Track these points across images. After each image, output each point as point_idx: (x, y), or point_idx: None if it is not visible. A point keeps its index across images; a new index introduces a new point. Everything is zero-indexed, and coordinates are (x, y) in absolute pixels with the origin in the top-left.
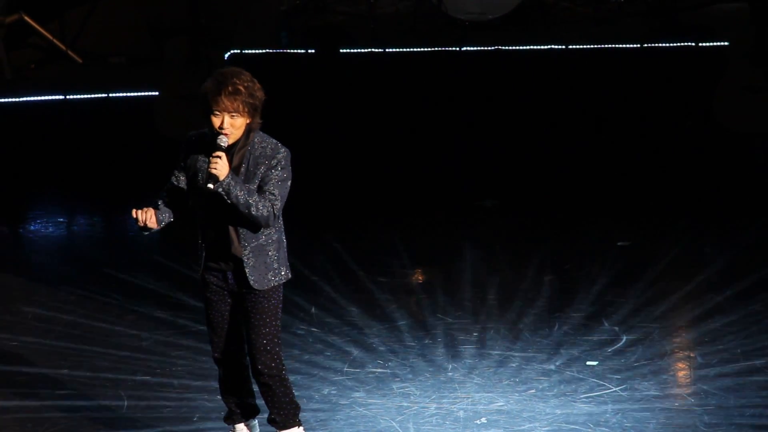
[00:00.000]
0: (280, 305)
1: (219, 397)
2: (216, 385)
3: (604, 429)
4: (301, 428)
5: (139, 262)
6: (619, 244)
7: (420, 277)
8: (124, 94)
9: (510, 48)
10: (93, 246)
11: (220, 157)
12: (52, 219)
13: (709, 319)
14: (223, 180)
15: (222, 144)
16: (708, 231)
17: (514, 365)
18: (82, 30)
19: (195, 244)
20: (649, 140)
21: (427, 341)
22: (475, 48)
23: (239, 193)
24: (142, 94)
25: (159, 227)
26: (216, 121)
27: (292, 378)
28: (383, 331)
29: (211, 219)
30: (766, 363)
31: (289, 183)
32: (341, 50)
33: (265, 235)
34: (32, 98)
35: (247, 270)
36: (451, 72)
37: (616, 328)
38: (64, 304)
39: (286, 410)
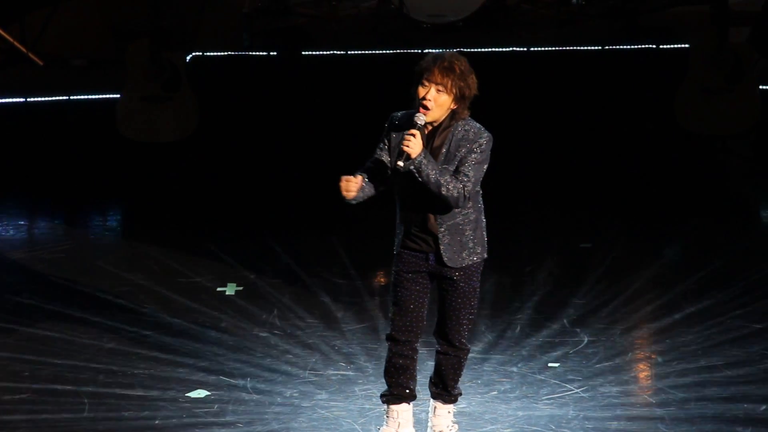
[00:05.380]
0: (479, 284)
1: (182, 399)
2: (178, 389)
3: (565, 430)
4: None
5: (99, 266)
6: (581, 246)
7: (382, 280)
8: (86, 97)
9: (472, 50)
10: (53, 249)
11: (414, 135)
12: (12, 222)
13: (669, 320)
14: (416, 158)
15: (419, 122)
16: (668, 232)
17: (475, 367)
18: (43, 32)
19: (167, 245)
20: (610, 141)
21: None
22: (437, 50)
23: (431, 172)
24: (104, 96)
25: (356, 199)
26: (422, 92)
27: (254, 381)
28: (346, 334)
29: (409, 197)
30: (726, 363)
31: (485, 167)
32: (303, 52)
33: (462, 215)
34: None
35: (441, 247)
36: (413, 74)
37: (578, 330)
38: (23, 309)
39: (458, 385)
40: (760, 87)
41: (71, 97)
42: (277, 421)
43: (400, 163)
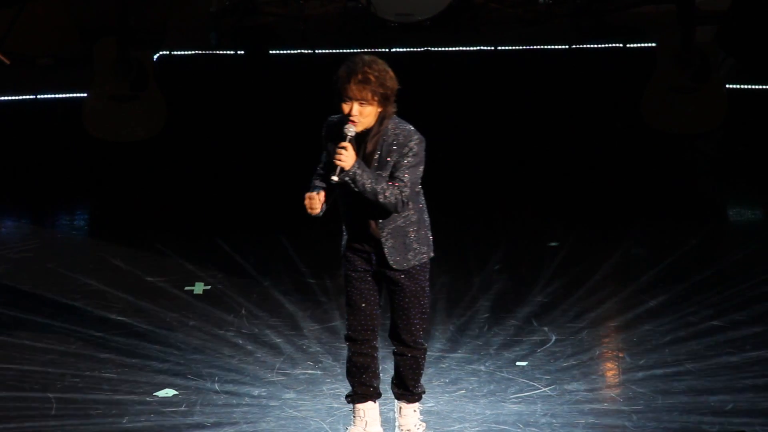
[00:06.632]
0: (428, 283)
1: (150, 398)
2: (145, 389)
3: (533, 429)
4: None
5: (65, 266)
6: (549, 245)
7: None
8: (53, 96)
9: (439, 49)
10: (20, 249)
11: (345, 148)
12: None
13: (637, 319)
14: (350, 170)
15: (349, 134)
16: (637, 232)
17: (443, 366)
18: (10, 31)
19: (134, 245)
20: (578, 141)
21: None
22: (405, 49)
23: (366, 182)
24: (71, 95)
25: (323, 211)
26: (345, 108)
27: (221, 381)
28: (313, 334)
29: (348, 205)
30: (691, 359)
31: (421, 168)
32: (270, 51)
33: (403, 218)
34: None
35: (385, 250)
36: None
37: (546, 329)
38: None
39: (419, 384)
40: (727, 86)
41: (38, 96)
42: (245, 421)
43: (335, 178)
